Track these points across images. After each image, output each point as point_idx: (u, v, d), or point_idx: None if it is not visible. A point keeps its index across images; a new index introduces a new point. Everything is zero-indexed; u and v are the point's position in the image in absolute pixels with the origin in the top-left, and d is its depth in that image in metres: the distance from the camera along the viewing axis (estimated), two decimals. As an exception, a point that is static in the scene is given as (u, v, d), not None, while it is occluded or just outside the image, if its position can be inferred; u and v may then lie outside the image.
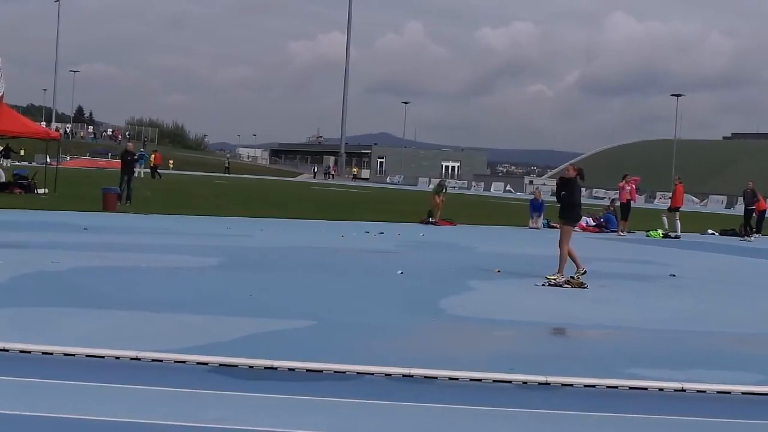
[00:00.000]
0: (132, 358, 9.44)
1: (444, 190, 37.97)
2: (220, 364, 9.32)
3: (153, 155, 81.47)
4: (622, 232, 36.33)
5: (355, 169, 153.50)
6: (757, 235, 38.54)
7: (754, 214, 39.79)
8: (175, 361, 9.39)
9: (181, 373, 8.99)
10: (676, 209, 38.10)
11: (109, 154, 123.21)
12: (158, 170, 78.51)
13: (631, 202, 37.43)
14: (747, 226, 39.19)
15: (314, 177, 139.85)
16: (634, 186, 37.89)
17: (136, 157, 40.80)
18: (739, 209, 41.28)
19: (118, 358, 9.44)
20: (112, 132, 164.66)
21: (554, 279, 17.68)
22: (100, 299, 13.27)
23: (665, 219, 38.07)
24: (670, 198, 41.08)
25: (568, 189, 18.61)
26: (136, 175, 42.73)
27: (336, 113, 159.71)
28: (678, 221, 37.35)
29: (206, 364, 9.34)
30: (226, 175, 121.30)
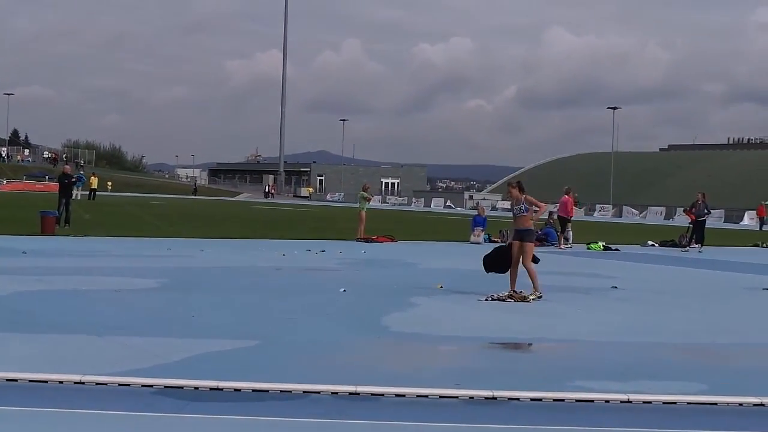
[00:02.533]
0: (75, 382, 9.33)
1: (366, 203, 37.98)
2: (165, 386, 9.24)
3: (91, 177, 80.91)
4: (564, 245, 36.52)
5: (310, 189, 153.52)
6: (696, 246, 38.83)
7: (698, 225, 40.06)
8: (120, 384, 9.29)
9: (125, 397, 8.89)
10: (567, 221, 38.42)
11: (46, 177, 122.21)
12: (96, 192, 78.00)
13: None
14: (694, 237, 39.27)
15: (266, 196, 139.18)
16: (572, 199, 38.16)
17: (74, 179, 40.45)
18: (678, 220, 41.73)
19: (61, 382, 9.32)
20: (50, 155, 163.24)
21: (533, 296, 17.75)
22: (41, 323, 13.11)
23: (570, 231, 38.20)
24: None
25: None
26: (73, 197, 42.32)
27: (274, 132, 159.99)
28: (570, 231, 37.76)
29: (151, 386, 9.25)
30: (194, 197, 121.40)
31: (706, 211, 40.05)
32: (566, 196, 38.25)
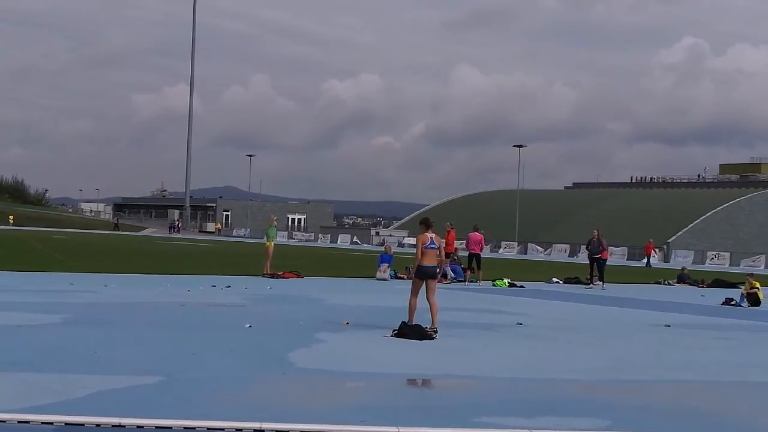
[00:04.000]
0: (-27, 420, 9.14)
1: (274, 231, 38.06)
2: (66, 423, 9.09)
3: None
4: (477, 281, 36.74)
5: (218, 225, 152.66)
6: (599, 283, 39.26)
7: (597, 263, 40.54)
8: (19, 422, 9.13)
9: (25, 434, 8.73)
10: (449, 255, 38.94)
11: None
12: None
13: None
14: (591, 274, 39.86)
15: (172, 231, 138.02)
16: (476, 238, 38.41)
17: None
18: (582, 257, 42.14)
19: (-42, 419, 9.14)
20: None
21: (430, 330, 17.80)
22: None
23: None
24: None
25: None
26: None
27: (181, 167, 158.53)
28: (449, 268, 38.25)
29: (51, 423, 9.09)
30: (117, 232, 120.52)
31: (601, 248, 40.48)
32: (475, 233, 38.49)
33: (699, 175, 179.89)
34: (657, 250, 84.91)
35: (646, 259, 74.21)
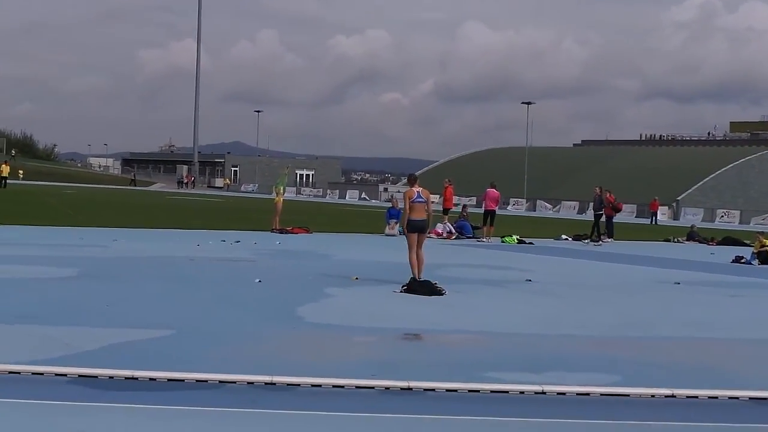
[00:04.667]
0: (-13, 371, 9.21)
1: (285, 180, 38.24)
2: (80, 375, 9.15)
3: (2, 165, 79.87)
4: (487, 238, 36.73)
5: (227, 180, 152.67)
6: (608, 240, 39.32)
7: (602, 219, 40.62)
8: (33, 373, 9.19)
9: (39, 386, 8.80)
10: (447, 211, 39.23)
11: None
12: (7, 180, 77.02)
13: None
14: (596, 231, 39.98)
15: (180, 186, 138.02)
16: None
17: None
18: (591, 214, 42.13)
19: (-27, 371, 9.20)
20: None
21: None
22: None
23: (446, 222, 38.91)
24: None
25: None
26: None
27: (189, 122, 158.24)
28: (447, 224, 38.76)
29: (65, 375, 9.16)
30: (133, 187, 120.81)
31: (603, 204, 40.57)
32: (492, 189, 38.45)
33: (709, 133, 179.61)
34: (667, 207, 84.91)
35: (652, 216, 74.30)
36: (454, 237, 37.33)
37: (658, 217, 75.06)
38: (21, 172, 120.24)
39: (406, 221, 18.78)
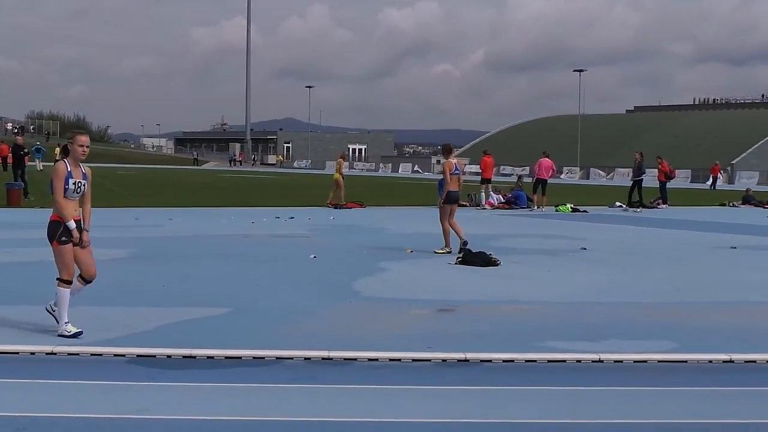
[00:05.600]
0: (48, 353, 9.32)
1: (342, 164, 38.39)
2: (138, 355, 9.24)
3: (56, 148, 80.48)
4: (539, 207, 36.69)
5: (279, 157, 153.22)
6: (664, 206, 39.15)
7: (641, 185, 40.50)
8: (92, 354, 9.29)
9: (98, 366, 8.89)
10: (487, 181, 39.18)
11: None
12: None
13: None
14: (639, 197, 39.81)
15: (232, 164, 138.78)
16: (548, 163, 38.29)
17: (25, 150, 40.36)
18: (647, 181, 41.94)
19: (33, 353, 9.31)
20: (17, 127, 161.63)
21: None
22: (9, 295, 13.10)
23: (483, 192, 38.93)
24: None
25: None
26: (39, 168, 42.09)
27: (240, 100, 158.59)
28: (483, 193, 39.11)
29: (123, 355, 9.24)
30: (196, 167, 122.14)
31: (641, 171, 40.41)
32: (546, 158, 38.43)
33: (763, 95, 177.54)
34: (722, 172, 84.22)
35: (711, 180, 73.72)
36: (508, 208, 37.27)
37: (712, 181, 74.48)
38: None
39: (446, 193, 18.99)
